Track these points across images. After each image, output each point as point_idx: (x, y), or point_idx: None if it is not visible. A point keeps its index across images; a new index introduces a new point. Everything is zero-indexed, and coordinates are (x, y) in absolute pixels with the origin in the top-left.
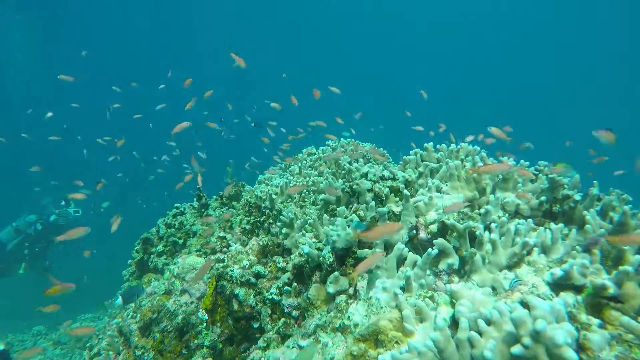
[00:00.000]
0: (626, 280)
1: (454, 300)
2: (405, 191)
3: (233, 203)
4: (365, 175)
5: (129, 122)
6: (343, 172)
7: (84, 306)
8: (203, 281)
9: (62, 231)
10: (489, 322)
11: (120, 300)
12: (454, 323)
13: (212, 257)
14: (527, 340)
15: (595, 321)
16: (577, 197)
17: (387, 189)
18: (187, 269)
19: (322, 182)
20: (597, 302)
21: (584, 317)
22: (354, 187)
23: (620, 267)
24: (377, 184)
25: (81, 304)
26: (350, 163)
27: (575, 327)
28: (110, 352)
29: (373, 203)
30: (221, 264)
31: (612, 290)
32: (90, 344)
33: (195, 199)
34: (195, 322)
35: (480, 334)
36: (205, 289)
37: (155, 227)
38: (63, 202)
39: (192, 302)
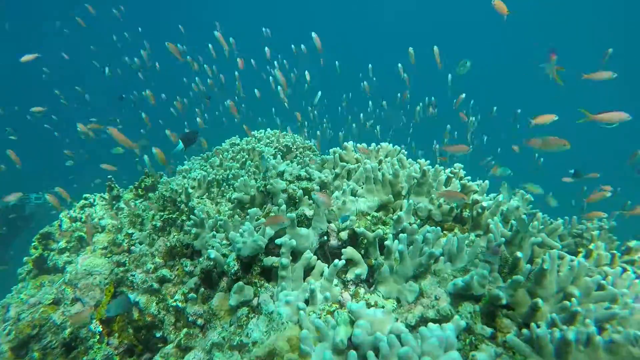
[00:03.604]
0: (517, 288)
1: (353, 319)
2: (314, 194)
3: (150, 195)
4: (281, 174)
5: None
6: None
7: None
8: (100, 288)
9: (22, 216)
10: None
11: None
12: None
13: (114, 258)
14: None
15: (488, 331)
16: (486, 203)
17: (301, 190)
18: (81, 274)
19: (243, 176)
20: (492, 311)
21: (479, 327)
22: (268, 187)
23: (514, 277)
24: (292, 184)
25: None
26: (274, 156)
27: (469, 340)
28: None
29: (284, 206)
30: (122, 268)
31: (504, 300)
32: None
33: (106, 190)
34: (85, 336)
35: None
36: (102, 296)
37: (57, 221)
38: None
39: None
